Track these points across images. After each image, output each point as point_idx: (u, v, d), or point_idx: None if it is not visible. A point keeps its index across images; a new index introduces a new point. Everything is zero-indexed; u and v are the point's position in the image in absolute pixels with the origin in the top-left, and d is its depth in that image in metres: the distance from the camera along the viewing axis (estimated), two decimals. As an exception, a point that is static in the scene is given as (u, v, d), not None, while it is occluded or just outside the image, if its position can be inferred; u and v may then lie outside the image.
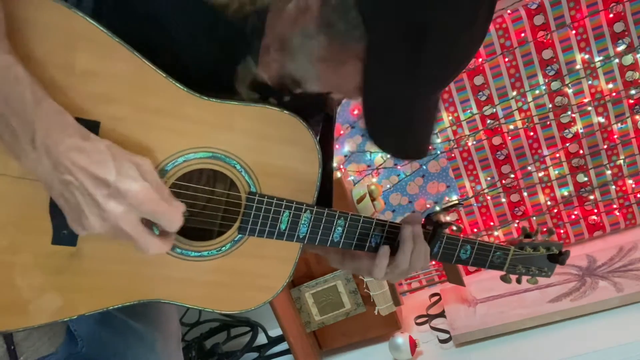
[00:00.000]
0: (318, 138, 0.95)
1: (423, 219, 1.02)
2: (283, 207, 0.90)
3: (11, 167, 0.75)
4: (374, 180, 2.10)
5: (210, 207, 0.94)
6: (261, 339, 2.11)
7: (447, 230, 1.01)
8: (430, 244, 0.99)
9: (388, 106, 0.77)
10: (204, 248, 0.90)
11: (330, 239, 0.94)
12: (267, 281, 0.95)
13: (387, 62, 0.74)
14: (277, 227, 0.91)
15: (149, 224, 0.75)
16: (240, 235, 0.91)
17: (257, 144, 0.88)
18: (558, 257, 1.09)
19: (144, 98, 0.80)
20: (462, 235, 1.04)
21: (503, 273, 1.10)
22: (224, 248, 0.91)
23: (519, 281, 1.11)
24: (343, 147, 2.09)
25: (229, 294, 0.93)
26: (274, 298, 0.95)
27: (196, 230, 0.93)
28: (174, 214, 0.75)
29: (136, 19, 0.82)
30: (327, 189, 0.99)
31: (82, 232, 0.73)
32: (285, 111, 0.88)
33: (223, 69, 0.88)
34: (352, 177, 2.09)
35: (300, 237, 0.92)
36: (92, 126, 0.76)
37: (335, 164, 2.03)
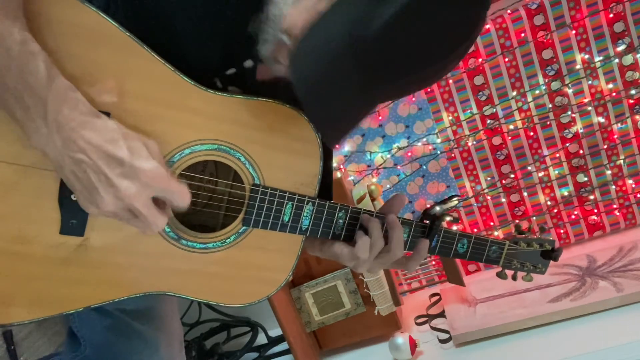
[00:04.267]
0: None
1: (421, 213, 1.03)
2: (286, 199, 0.91)
3: (21, 156, 0.76)
4: (374, 180, 2.10)
5: (215, 199, 0.95)
6: (261, 339, 2.11)
7: (444, 223, 1.03)
8: (428, 238, 1.00)
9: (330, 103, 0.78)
10: (209, 240, 0.90)
11: (332, 231, 0.96)
12: (271, 274, 0.96)
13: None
14: (281, 219, 0.92)
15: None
16: (244, 227, 0.92)
17: (261, 136, 0.90)
18: (551, 254, 1.11)
19: (152, 91, 0.81)
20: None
21: (499, 269, 1.11)
22: (228, 240, 0.91)
23: (514, 278, 1.12)
24: (343, 147, 2.09)
25: (233, 286, 0.94)
26: (277, 291, 0.96)
27: (200, 222, 0.94)
28: (183, 191, 0.77)
29: (146, 18, 0.83)
30: (327, 183, 1.00)
31: (95, 211, 0.74)
32: (287, 105, 0.89)
33: (226, 68, 0.89)
34: (352, 177, 2.09)
35: (303, 229, 0.94)
36: None
37: (335, 164, 2.03)
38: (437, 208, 1.01)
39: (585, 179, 2.02)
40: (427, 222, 1.01)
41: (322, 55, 0.74)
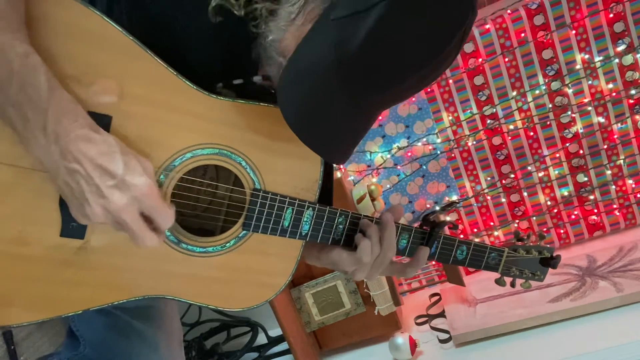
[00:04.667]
0: None
1: (419, 220, 1.03)
2: (286, 204, 0.91)
3: (23, 159, 0.76)
4: (374, 180, 2.10)
5: (215, 203, 0.95)
6: (261, 339, 2.11)
7: (445, 229, 1.02)
8: (427, 244, 1.00)
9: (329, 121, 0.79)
10: (209, 244, 0.90)
11: (331, 236, 0.96)
12: (270, 278, 0.96)
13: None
14: (281, 224, 0.92)
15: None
16: (244, 232, 0.92)
17: (262, 141, 0.90)
18: (550, 261, 1.11)
19: (154, 94, 0.82)
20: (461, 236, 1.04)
21: (498, 275, 1.11)
22: (228, 244, 0.91)
23: (513, 284, 1.13)
24: (343, 147, 2.09)
25: (233, 290, 0.94)
26: (276, 295, 0.96)
27: (200, 226, 0.94)
28: (169, 214, 0.77)
29: (148, 22, 0.84)
30: (328, 188, 1.00)
31: (84, 221, 0.74)
32: None
33: (228, 72, 0.89)
34: (352, 177, 2.09)
35: (303, 234, 0.94)
36: (104, 120, 0.78)
37: (335, 164, 2.02)
38: (436, 213, 1.01)
39: (585, 179, 2.02)
40: (427, 228, 1.01)
41: (307, 80, 0.76)
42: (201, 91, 0.84)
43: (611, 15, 1.86)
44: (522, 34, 1.90)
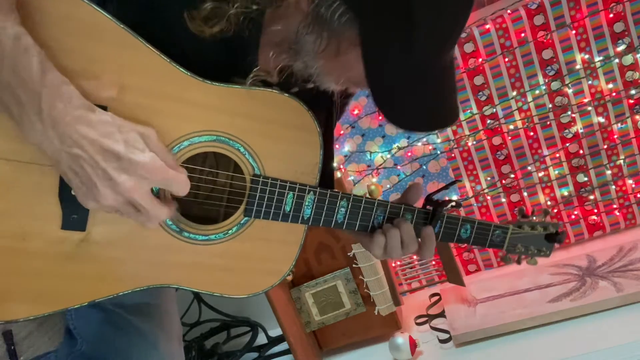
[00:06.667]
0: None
1: (423, 199, 1.03)
2: (287, 188, 0.91)
3: (21, 153, 0.76)
4: (374, 180, 2.10)
5: (216, 190, 0.95)
6: (261, 339, 2.10)
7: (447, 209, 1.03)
8: (431, 224, 0.99)
9: (396, 83, 0.78)
10: (211, 231, 0.91)
11: (334, 219, 0.95)
12: (274, 265, 0.96)
13: (381, 39, 0.75)
14: (282, 209, 0.92)
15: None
16: (246, 218, 0.92)
17: (260, 127, 0.89)
18: (555, 237, 1.10)
19: (149, 83, 0.82)
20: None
21: (503, 253, 1.10)
22: (230, 231, 0.92)
23: (518, 262, 1.11)
24: (343, 147, 2.09)
25: (237, 277, 0.94)
26: (280, 281, 0.96)
27: (201, 214, 0.94)
28: (182, 179, 0.78)
29: (139, 10, 0.83)
30: (328, 173, 1.00)
31: (94, 206, 0.74)
32: (286, 94, 0.89)
33: (224, 62, 0.89)
34: (352, 177, 2.09)
35: (305, 218, 0.94)
36: None
37: (335, 164, 2.03)
38: (439, 193, 1.01)
39: (585, 179, 2.02)
40: (430, 207, 1.01)
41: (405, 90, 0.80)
42: (196, 78, 0.84)
43: (611, 15, 1.86)
44: (522, 34, 1.90)
